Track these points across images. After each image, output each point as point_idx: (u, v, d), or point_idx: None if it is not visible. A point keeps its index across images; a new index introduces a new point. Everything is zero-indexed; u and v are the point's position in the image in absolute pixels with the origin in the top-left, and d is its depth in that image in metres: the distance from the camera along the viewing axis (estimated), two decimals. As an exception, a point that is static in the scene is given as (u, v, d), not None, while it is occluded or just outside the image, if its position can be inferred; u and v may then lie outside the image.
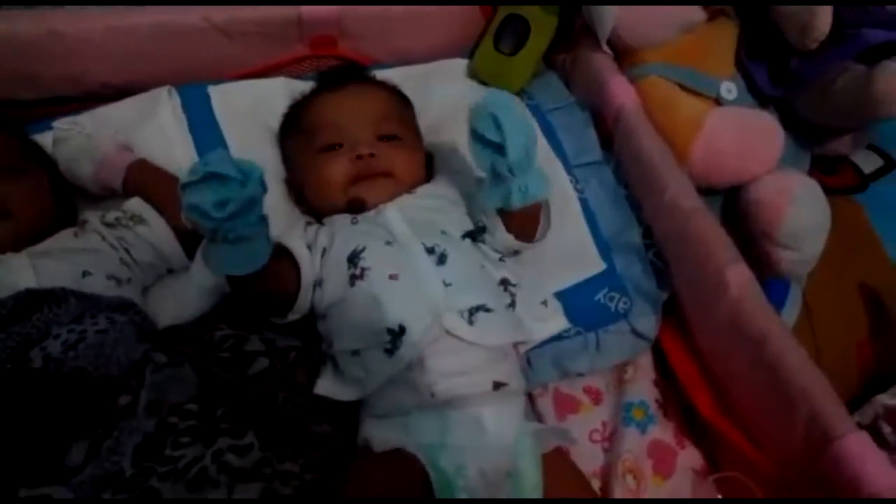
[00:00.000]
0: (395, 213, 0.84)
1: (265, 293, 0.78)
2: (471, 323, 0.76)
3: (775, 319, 0.80)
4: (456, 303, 0.76)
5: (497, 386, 0.75)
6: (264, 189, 0.66)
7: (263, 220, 0.69)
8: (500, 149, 0.74)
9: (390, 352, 0.74)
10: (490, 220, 0.84)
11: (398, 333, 0.74)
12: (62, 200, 0.88)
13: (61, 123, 0.94)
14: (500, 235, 0.84)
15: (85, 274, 0.77)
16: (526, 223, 0.85)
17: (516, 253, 0.89)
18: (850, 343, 1.05)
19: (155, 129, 0.96)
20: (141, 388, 0.68)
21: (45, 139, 0.94)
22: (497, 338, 0.77)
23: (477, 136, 0.76)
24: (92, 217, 0.86)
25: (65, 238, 0.82)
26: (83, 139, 0.91)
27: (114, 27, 0.97)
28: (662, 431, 0.90)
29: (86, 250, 0.80)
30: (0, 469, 0.61)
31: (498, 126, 0.73)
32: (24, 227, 0.79)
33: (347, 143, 0.88)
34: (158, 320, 0.81)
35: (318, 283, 0.82)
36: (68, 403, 0.65)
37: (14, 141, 0.86)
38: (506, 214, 0.82)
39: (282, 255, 0.80)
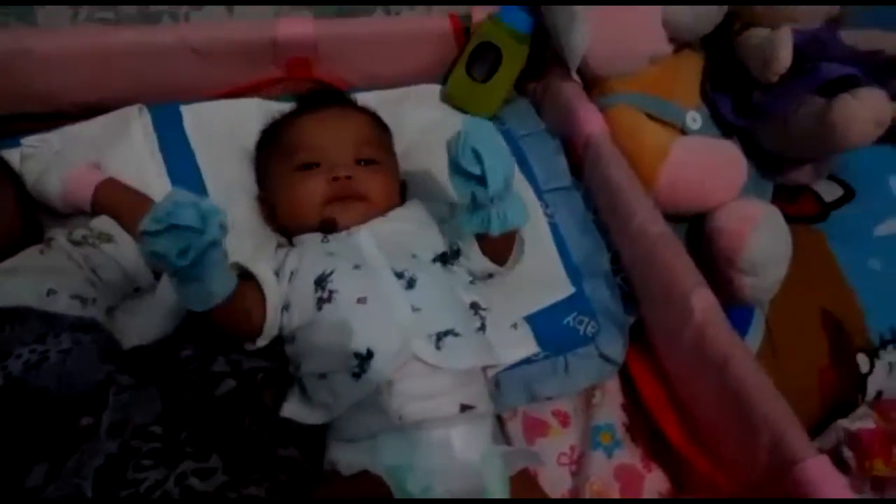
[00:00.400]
0: (367, 236, 0.85)
1: (229, 324, 0.77)
2: (438, 348, 0.76)
3: (738, 344, 0.82)
4: (424, 328, 0.77)
5: (464, 408, 0.75)
6: (224, 231, 0.67)
7: (222, 260, 0.70)
8: (480, 179, 0.75)
9: (357, 375, 0.74)
10: (466, 243, 0.85)
11: (365, 357, 0.74)
12: (28, 217, 0.87)
13: (30, 140, 0.93)
14: (476, 259, 0.85)
15: (49, 292, 0.75)
16: (501, 248, 0.86)
17: (490, 276, 0.89)
18: (813, 368, 1.07)
19: (125, 147, 0.95)
20: (104, 409, 0.67)
21: (12, 156, 0.93)
22: (464, 362, 0.77)
23: (457, 168, 0.77)
24: (58, 234, 0.84)
25: (30, 255, 0.81)
26: (51, 157, 0.90)
27: (86, 45, 0.96)
28: (629, 455, 0.91)
29: (51, 268, 0.79)
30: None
31: (479, 159, 0.74)
32: (-13, 243, 0.78)
33: (325, 164, 0.89)
34: (123, 340, 0.80)
35: (285, 307, 0.81)
36: (29, 423, 0.64)
37: (-21, 157, 0.85)
38: (482, 239, 0.83)
39: (248, 281, 0.80)
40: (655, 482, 0.90)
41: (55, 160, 0.89)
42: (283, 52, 1.07)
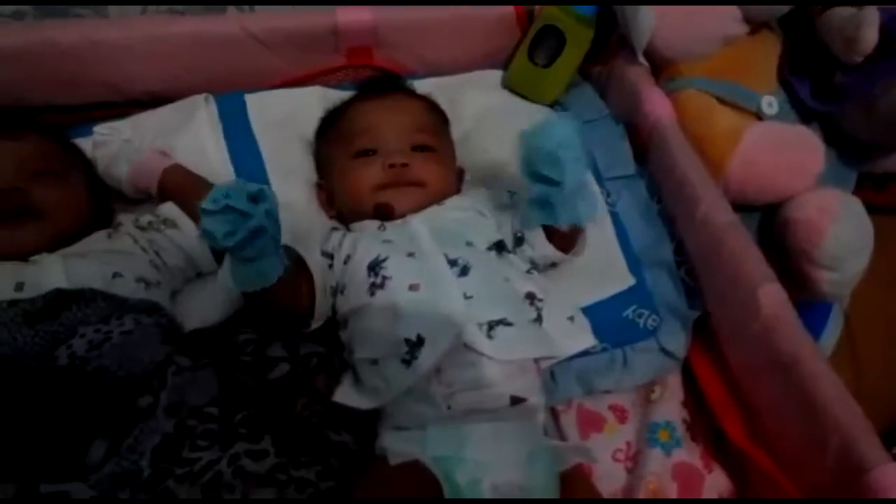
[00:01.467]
0: (421, 224, 0.84)
1: (281, 304, 0.79)
2: (490, 337, 0.75)
3: (808, 343, 0.78)
4: (476, 316, 0.76)
5: (515, 401, 0.74)
6: (274, 219, 0.69)
7: (273, 244, 0.71)
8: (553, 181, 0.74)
9: (408, 362, 0.74)
10: (530, 231, 0.84)
11: (416, 344, 0.74)
12: (98, 203, 0.90)
13: (101, 128, 0.97)
14: (541, 246, 0.84)
15: (115, 276, 0.78)
16: (568, 237, 0.85)
17: (553, 265, 0.88)
18: (894, 366, 1.01)
19: (191, 135, 0.98)
20: (162, 389, 0.70)
21: (85, 143, 0.97)
22: (516, 353, 0.76)
23: (532, 171, 0.75)
24: (126, 220, 0.88)
25: (98, 240, 0.84)
26: (121, 144, 0.93)
27: (154, 36, 0.99)
28: (689, 454, 0.88)
29: (117, 252, 0.82)
30: (22, 464, 0.63)
31: (554, 160, 0.72)
32: (59, 228, 0.81)
33: (381, 151, 0.89)
34: (185, 323, 0.82)
35: (340, 290, 0.82)
36: (90, 402, 0.67)
37: (53, 144, 0.88)
38: (549, 228, 0.83)
39: (297, 263, 0.81)
40: (716, 482, 0.87)
41: (125, 147, 0.93)
42: (343, 40, 1.08)
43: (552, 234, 0.84)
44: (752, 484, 0.85)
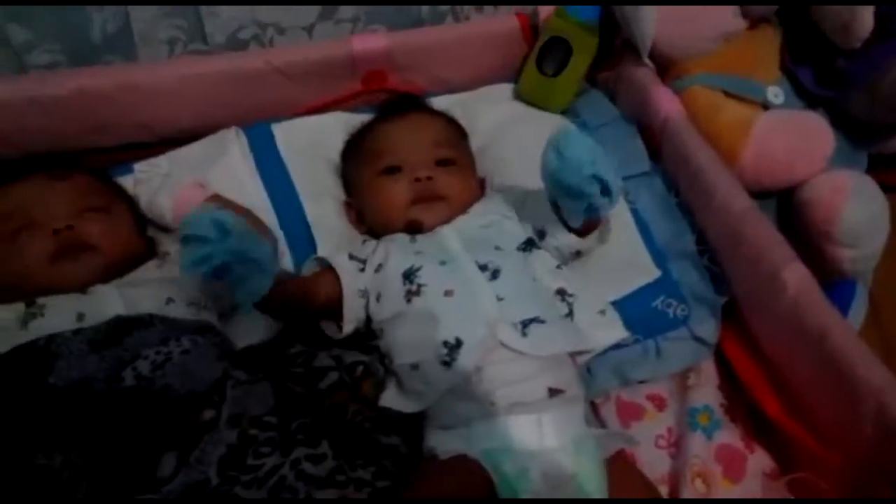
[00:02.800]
0: (451, 233, 0.88)
1: (309, 308, 0.84)
2: (524, 335, 0.78)
3: (835, 314, 0.80)
4: (509, 315, 0.79)
5: (553, 393, 0.77)
6: (243, 252, 0.71)
7: (251, 268, 0.73)
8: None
9: (447, 364, 0.77)
10: (550, 222, 0.88)
11: (455, 346, 0.77)
12: (144, 235, 0.95)
13: (141, 166, 1.02)
14: (563, 236, 0.88)
15: (168, 301, 0.82)
16: (589, 225, 0.87)
17: (577, 255, 0.91)
18: (922, 341, 1.03)
19: (226, 166, 1.03)
20: (223, 402, 0.73)
21: (125, 181, 1.02)
22: (550, 348, 0.79)
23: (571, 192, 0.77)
24: (172, 249, 0.93)
25: (148, 269, 0.89)
26: (162, 178, 0.98)
27: (183, 76, 1.04)
28: (730, 435, 0.90)
29: (169, 280, 0.86)
30: (98, 480, 0.66)
31: (598, 178, 0.74)
32: (111, 259, 0.86)
33: (407, 167, 0.93)
34: (236, 341, 0.86)
35: (376, 298, 0.86)
36: (158, 418, 0.70)
37: (98, 182, 0.94)
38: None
39: (328, 270, 0.86)
40: (759, 462, 0.89)
41: (165, 181, 0.98)
42: (360, 67, 1.12)
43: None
44: (794, 460, 0.87)
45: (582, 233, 0.88)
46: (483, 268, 0.83)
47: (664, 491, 0.87)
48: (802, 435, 0.84)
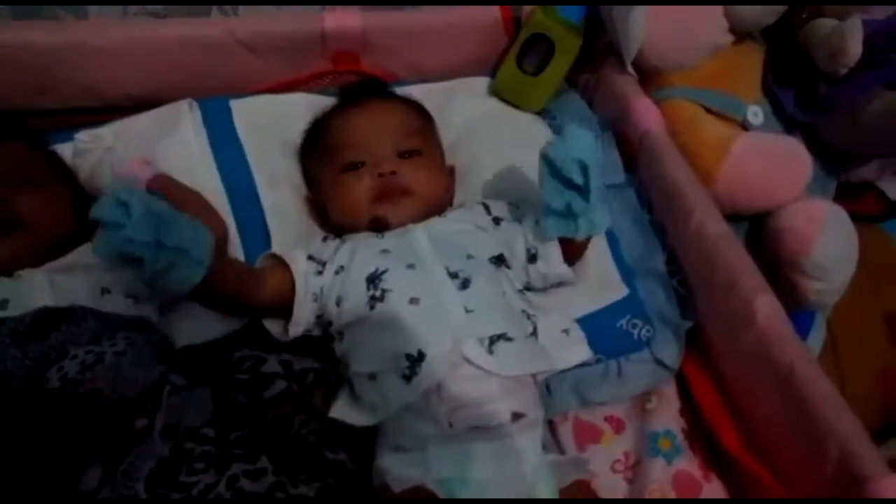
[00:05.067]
0: (422, 235, 0.83)
1: (255, 304, 0.78)
2: (490, 352, 0.74)
3: (803, 352, 0.78)
4: (477, 330, 0.75)
5: (515, 417, 0.74)
6: (182, 231, 0.66)
7: (182, 253, 0.66)
8: (577, 189, 0.78)
9: (408, 378, 0.73)
10: (547, 247, 0.85)
11: (417, 359, 0.73)
12: (82, 214, 0.87)
13: (83, 136, 0.93)
14: (555, 264, 0.86)
15: (104, 291, 0.76)
16: (577, 252, 0.88)
17: (560, 285, 0.89)
18: (876, 372, 1.04)
19: (176, 142, 0.95)
20: (157, 410, 0.67)
21: (64, 150, 0.94)
22: (517, 368, 0.75)
23: (559, 177, 0.78)
24: (111, 232, 0.84)
25: (83, 253, 0.81)
26: (104, 152, 0.90)
27: (136, 38, 0.96)
28: (688, 463, 0.88)
29: (104, 267, 0.78)
30: (14, 492, 0.60)
31: (584, 171, 0.76)
32: (43, 240, 0.78)
33: (369, 161, 0.88)
34: (175, 339, 0.80)
35: (336, 301, 0.80)
36: (84, 426, 0.64)
37: (35, 153, 0.85)
38: (565, 244, 0.85)
39: (282, 266, 0.81)
40: (714, 492, 0.87)
41: (108, 155, 0.90)
42: (330, 45, 1.05)
43: (566, 250, 0.85)
44: (749, 494, 0.85)
45: (570, 260, 0.86)
46: (453, 276, 0.79)
47: (618, 516, 0.85)
48: (759, 470, 0.82)
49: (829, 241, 0.92)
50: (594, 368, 0.90)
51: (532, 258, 0.86)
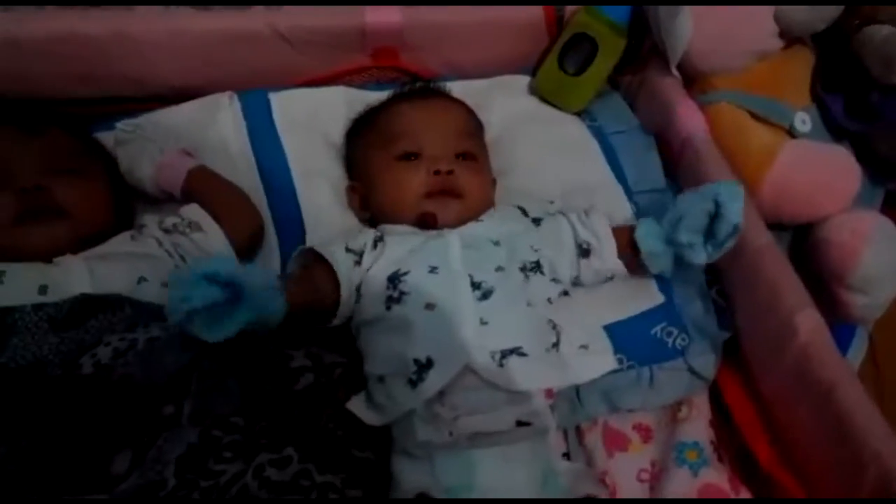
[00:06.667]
0: (455, 240, 0.82)
1: (303, 304, 0.77)
2: (501, 365, 0.73)
3: (845, 370, 0.76)
4: (489, 342, 0.73)
5: (520, 425, 0.73)
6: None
7: (257, 303, 0.68)
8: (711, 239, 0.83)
9: (414, 383, 0.72)
10: (602, 243, 0.86)
11: (425, 366, 0.72)
12: (121, 202, 0.88)
13: (124, 125, 0.94)
14: (610, 259, 0.86)
15: (140, 280, 0.76)
16: (630, 249, 0.87)
17: (610, 279, 0.89)
18: (919, 390, 1.00)
19: (215, 134, 0.96)
20: (186, 396, 0.67)
21: (105, 138, 0.95)
22: (524, 384, 0.73)
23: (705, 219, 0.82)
24: (150, 221, 0.85)
25: (122, 242, 0.82)
26: (145, 142, 0.91)
27: (179, 30, 0.97)
28: (716, 475, 0.86)
29: (143, 255, 0.80)
30: (45, 475, 0.61)
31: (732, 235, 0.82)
32: (82, 228, 0.79)
33: (425, 155, 0.87)
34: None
35: (358, 298, 0.80)
36: (115, 411, 0.65)
37: (75, 141, 0.86)
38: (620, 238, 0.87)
39: (322, 263, 0.80)
40: (743, 506, 0.85)
41: (148, 146, 0.90)
42: (370, 41, 1.06)
43: (622, 248, 0.86)
44: (781, 509, 0.84)
45: (629, 263, 0.87)
46: (476, 286, 0.77)
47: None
48: (793, 486, 0.80)
49: (875, 255, 0.90)
50: (626, 375, 0.88)
51: (585, 253, 0.84)
